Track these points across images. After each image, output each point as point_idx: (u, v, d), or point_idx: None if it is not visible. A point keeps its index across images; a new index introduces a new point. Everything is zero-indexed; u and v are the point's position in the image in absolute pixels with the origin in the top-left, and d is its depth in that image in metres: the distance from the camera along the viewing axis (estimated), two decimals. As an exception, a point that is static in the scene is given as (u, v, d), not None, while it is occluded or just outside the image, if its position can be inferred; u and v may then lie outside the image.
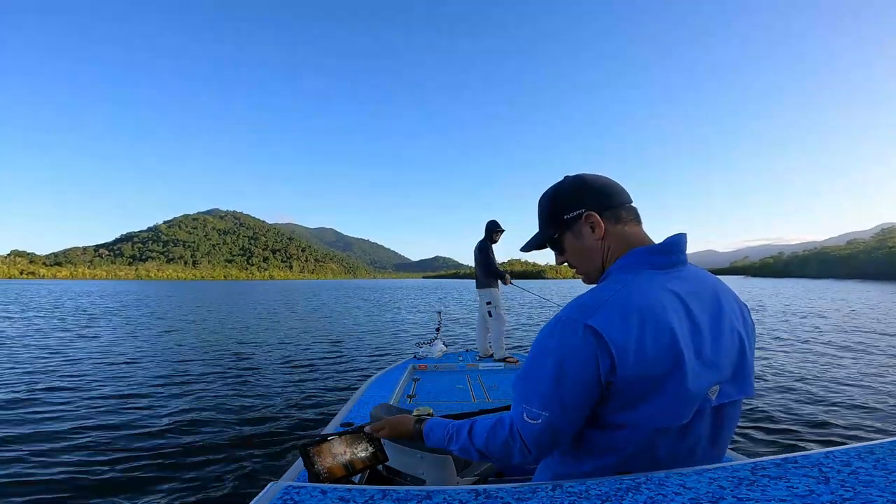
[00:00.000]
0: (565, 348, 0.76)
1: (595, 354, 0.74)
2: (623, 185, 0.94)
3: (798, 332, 10.47)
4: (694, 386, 0.75)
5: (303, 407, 4.78)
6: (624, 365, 0.73)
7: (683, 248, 0.85)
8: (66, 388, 5.43)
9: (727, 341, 0.82)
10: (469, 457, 0.92)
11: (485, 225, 4.74)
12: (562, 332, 0.77)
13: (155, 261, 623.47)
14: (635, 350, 0.73)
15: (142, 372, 6.44)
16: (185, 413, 4.49)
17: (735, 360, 0.82)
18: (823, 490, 0.60)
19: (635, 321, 0.74)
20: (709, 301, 0.83)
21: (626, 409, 0.77)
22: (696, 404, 0.76)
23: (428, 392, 3.24)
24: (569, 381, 0.76)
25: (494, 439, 0.86)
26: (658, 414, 0.75)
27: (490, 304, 4.58)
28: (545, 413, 0.78)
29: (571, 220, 0.92)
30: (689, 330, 0.77)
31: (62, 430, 3.90)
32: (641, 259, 0.84)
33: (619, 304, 0.76)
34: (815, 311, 16.06)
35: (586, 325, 0.74)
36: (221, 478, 3.06)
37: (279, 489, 0.68)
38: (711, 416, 0.81)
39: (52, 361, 7.21)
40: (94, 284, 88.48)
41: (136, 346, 8.95)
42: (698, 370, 0.76)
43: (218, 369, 6.73)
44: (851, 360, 7.04)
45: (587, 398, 0.77)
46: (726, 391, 0.81)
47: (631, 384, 0.74)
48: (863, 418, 4.22)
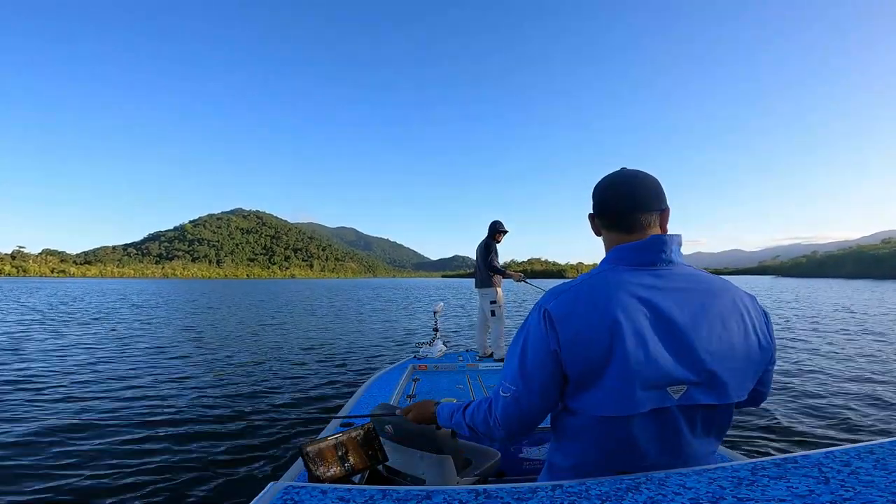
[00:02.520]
0: (529, 329, 0.87)
1: (547, 335, 0.82)
2: (645, 188, 0.94)
3: (798, 333, 10.35)
4: (640, 379, 0.76)
5: (303, 407, 4.80)
6: (567, 348, 0.80)
7: (665, 248, 0.87)
8: (65, 387, 5.47)
9: (705, 343, 0.81)
10: (462, 431, 1.05)
11: (488, 225, 4.76)
12: (531, 314, 0.88)
13: (181, 260, 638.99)
14: (577, 335, 0.79)
15: (141, 371, 6.48)
16: (185, 413, 4.51)
17: (711, 363, 0.81)
18: (823, 490, 0.60)
19: (582, 307, 0.81)
20: (689, 302, 0.83)
21: (577, 394, 0.83)
22: (648, 398, 0.78)
23: (428, 392, 3.26)
24: (530, 359, 0.84)
25: (478, 414, 0.97)
26: (601, 401, 0.79)
27: (494, 303, 4.59)
28: (513, 387, 0.87)
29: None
30: (647, 323, 0.79)
31: (62, 429, 3.90)
32: (619, 255, 0.90)
33: (576, 291, 0.84)
34: (824, 312, 15.70)
35: (545, 309, 0.84)
36: (221, 478, 3.08)
37: (279, 489, 0.68)
38: (678, 415, 0.82)
39: (55, 359, 7.27)
40: (118, 283, 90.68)
41: (136, 346, 9.02)
42: (651, 365, 0.77)
43: (218, 369, 6.74)
44: (852, 360, 6.98)
45: (548, 377, 0.83)
46: (694, 394, 0.80)
47: (576, 369, 0.80)
48: (863, 418, 4.18)
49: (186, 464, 3.28)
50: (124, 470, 3.17)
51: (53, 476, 3.08)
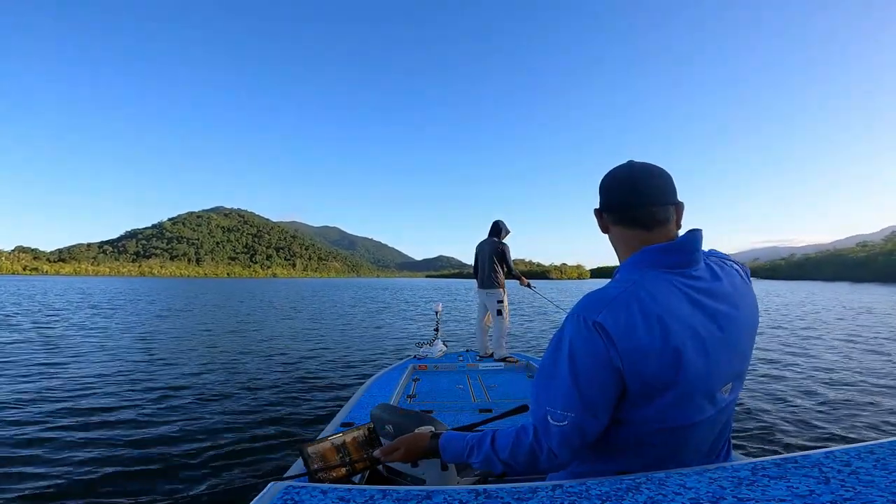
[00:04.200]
0: (577, 346, 0.77)
1: (606, 350, 0.74)
2: (659, 180, 0.88)
3: (798, 332, 10.44)
4: (702, 386, 0.76)
5: (303, 407, 4.78)
6: (631, 363, 0.74)
7: (697, 245, 0.84)
8: (64, 388, 5.38)
9: (738, 339, 0.82)
10: (492, 468, 0.88)
11: (493, 225, 4.73)
12: (573, 330, 0.78)
13: (158, 258, 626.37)
14: (641, 349, 0.73)
15: (140, 372, 6.41)
16: (185, 413, 4.49)
17: (745, 357, 0.84)
18: (823, 490, 0.60)
19: (640, 319, 0.74)
20: (724, 298, 0.82)
21: (635, 407, 0.78)
22: (705, 403, 0.77)
23: (428, 392, 3.23)
24: (586, 379, 0.76)
25: (520, 447, 0.83)
26: (663, 413, 0.76)
27: (500, 303, 4.55)
28: (570, 414, 0.77)
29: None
30: (701, 329, 0.77)
31: (61, 430, 3.89)
32: (652, 258, 0.83)
33: (626, 302, 0.76)
34: (825, 313, 15.91)
35: (595, 322, 0.75)
36: (221, 477, 3.07)
37: (279, 489, 0.68)
38: (722, 413, 0.83)
39: (47, 358, 7.15)
40: (95, 281, 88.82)
41: (134, 345, 8.93)
42: (709, 369, 0.76)
43: (218, 369, 6.71)
44: (852, 360, 7.07)
45: (608, 395, 0.76)
46: (735, 390, 0.84)
47: (636, 382, 0.75)
48: (863, 418, 4.22)
49: (186, 464, 3.28)
50: (124, 470, 3.16)
51: (53, 476, 3.05)
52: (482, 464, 0.88)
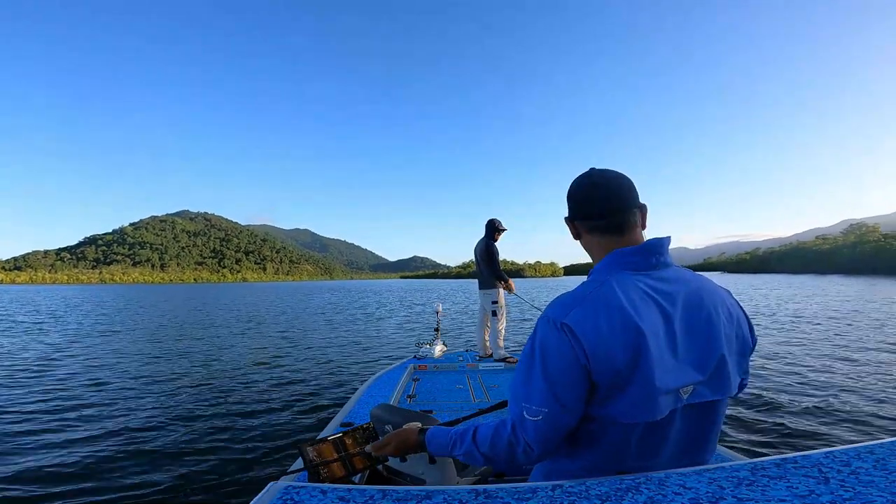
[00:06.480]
0: (547, 345, 0.82)
1: (573, 350, 0.79)
2: (625, 186, 0.95)
3: (797, 331, 10.30)
4: (662, 383, 0.77)
5: (303, 407, 4.77)
6: (596, 360, 0.77)
7: (663, 250, 0.90)
8: (64, 389, 5.37)
9: (705, 342, 0.84)
10: (473, 461, 0.93)
11: (485, 223, 4.68)
12: (543, 331, 0.84)
13: (120, 264, 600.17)
14: (604, 346, 0.77)
15: (140, 372, 6.39)
16: (185, 413, 4.48)
17: (716, 361, 0.84)
18: (823, 490, 0.60)
19: (604, 318, 0.79)
20: (687, 302, 0.85)
21: (600, 403, 0.81)
22: (666, 402, 0.79)
23: (428, 392, 3.24)
24: (557, 377, 0.80)
25: (498, 441, 0.88)
26: (627, 409, 0.78)
27: (495, 303, 4.54)
28: (544, 409, 0.81)
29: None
30: (662, 329, 0.81)
31: (61, 430, 3.89)
32: (620, 260, 0.89)
33: (591, 302, 0.82)
34: (817, 310, 15.75)
35: (563, 323, 0.80)
36: (221, 478, 3.07)
37: (279, 489, 0.68)
38: (684, 414, 0.84)
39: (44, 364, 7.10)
40: (58, 290, 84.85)
41: (133, 346, 8.88)
42: (669, 368, 0.79)
43: (218, 370, 6.70)
44: (852, 360, 6.95)
45: (577, 391, 0.80)
46: (701, 391, 0.83)
47: (602, 379, 0.79)
48: (863, 418, 4.23)
49: (186, 464, 3.28)
50: (124, 470, 3.16)
51: (52, 476, 3.06)
52: (465, 456, 0.94)
